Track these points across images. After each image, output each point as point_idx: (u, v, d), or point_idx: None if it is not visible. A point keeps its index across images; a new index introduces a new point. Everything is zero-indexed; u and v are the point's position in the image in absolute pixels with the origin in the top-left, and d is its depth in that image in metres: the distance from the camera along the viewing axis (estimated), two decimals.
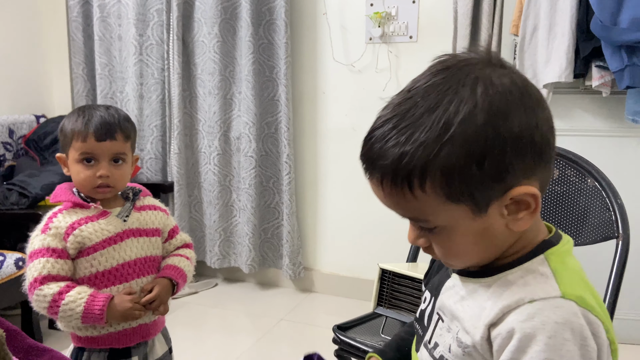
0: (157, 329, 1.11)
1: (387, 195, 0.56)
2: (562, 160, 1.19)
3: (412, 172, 0.53)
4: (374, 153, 0.56)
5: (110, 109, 1.06)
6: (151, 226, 1.10)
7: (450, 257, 0.59)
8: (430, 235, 0.57)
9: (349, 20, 2.34)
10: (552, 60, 1.86)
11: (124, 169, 1.06)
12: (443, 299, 0.63)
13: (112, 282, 1.02)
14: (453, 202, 0.53)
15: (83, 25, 2.71)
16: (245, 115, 2.47)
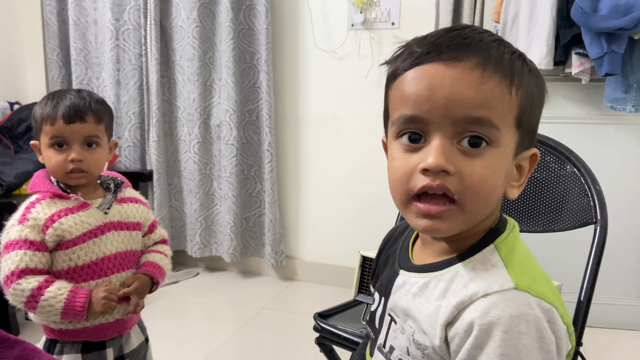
0: (133, 322, 1.09)
1: (479, 79, 0.50)
2: (541, 147, 1.19)
3: (514, 70, 0.53)
4: (471, 37, 0.53)
5: (82, 92, 1.03)
6: (132, 220, 1.07)
7: (472, 195, 0.51)
8: (466, 160, 0.51)
9: (331, 6, 2.31)
10: (532, 47, 1.86)
11: (99, 153, 1.02)
12: (395, 299, 0.59)
13: (90, 277, 1.00)
14: (517, 126, 0.53)
15: (57, 9, 2.63)
16: (226, 103, 2.43)
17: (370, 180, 2.31)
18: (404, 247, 0.64)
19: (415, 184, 0.52)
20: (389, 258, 0.66)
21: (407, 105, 0.53)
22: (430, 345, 0.53)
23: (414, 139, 0.54)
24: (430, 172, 0.51)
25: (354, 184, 2.40)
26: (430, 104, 0.51)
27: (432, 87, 0.51)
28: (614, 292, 2.00)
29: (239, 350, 1.95)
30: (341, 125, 2.39)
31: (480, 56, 0.51)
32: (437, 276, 0.56)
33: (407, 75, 0.53)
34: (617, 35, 1.69)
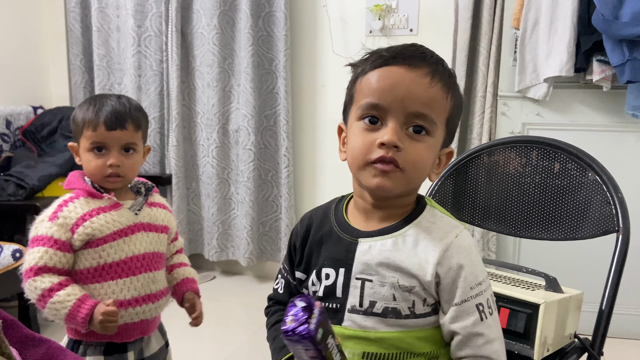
0: (155, 325, 1.11)
1: (429, 85, 0.67)
2: (562, 154, 1.18)
3: (452, 79, 0.71)
4: (425, 52, 0.70)
5: (121, 98, 1.05)
6: (161, 223, 1.09)
7: (411, 166, 0.67)
8: (410, 141, 0.67)
9: (349, 13, 2.33)
10: (553, 54, 1.85)
11: (135, 159, 1.05)
12: (365, 262, 0.70)
13: (118, 275, 1.01)
14: (445, 126, 0.71)
15: (81, 15, 2.69)
16: (244, 108, 2.46)
17: None
18: (342, 223, 0.76)
19: (373, 154, 0.67)
20: (325, 239, 0.76)
21: (373, 95, 0.67)
22: (416, 285, 0.68)
23: (373, 121, 0.68)
24: (385, 146, 0.66)
25: None
26: (391, 97, 0.66)
27: (394, 83, 0.67)
28: (635, 302, 1.97)
29: (254, 354, 1.96)
30: None
31: (432, 67, 0.68)
32: (401, 234, 0.71)
33: (375, 72, 0.68)
34: (639, 42, 1.67)
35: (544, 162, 1.21)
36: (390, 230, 0.72)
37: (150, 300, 1.04)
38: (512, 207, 1.24)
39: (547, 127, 2.01)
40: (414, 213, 0.73)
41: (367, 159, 0.68)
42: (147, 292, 1.04)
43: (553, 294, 0.94)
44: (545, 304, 0.86)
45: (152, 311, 1.06)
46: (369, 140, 0.68)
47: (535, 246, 1.99)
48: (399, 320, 0.68)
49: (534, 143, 1.23)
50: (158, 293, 1.06)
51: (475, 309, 0.67)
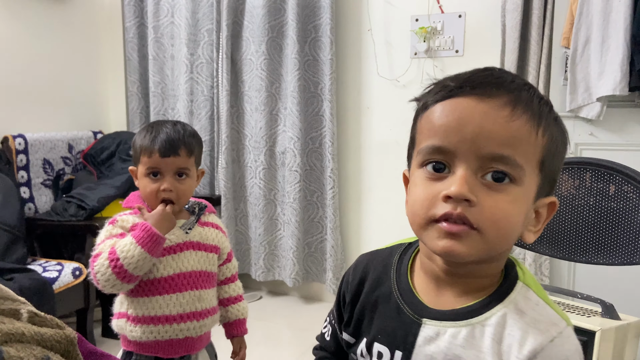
0: (202, 343, 1.13)
1: (509, 117, 0.51)
2: (618, 176, 1.15)
3: (543, 108, 0.54)
4: (504, 77, 0.54)
5: (177, 124, 1.11)
6: (211, 242, 1.12)
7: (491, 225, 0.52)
8: (488, 193, 0.52)
9: (394, 36, 2.35)
10: (605, 72, 1.80)
11: (188, 183, 1.09)
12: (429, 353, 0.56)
13: (166, 290, 1.05)
14: (539, 170, 0.54)
15: (138, 45, 2.85)
16: (290, 131, 2.51)
17: None
18: (405, 290, 0.61)
19: (437, 210, 0.53)
20: (381, 303, 0.62)
21: (436, 136, 0.54)
22: None
23: (438, 168, 0.54)
24: (453, 200, 0.52)
25: None
26: (458, 137, 0.52)
27: (461, 119, 0.52)
28: None
29: None
30: (403, 151, 2.39)
31: (512, 95, 0.52)
32: (480, 322, 0.55)
33: (437, 107, 0.54)
34: None
35: (598, 184, 1.18)
36: (467, 316, 0.55)
37: (195, 318, 1.07)
38: (566, 230, 1.21)
39: (601, 147, 1.94)
40: (502, 290, 0.56)
41: (430, 216, 0.53)
42: (192, 309, 1.07)
43: (610, 321, 0.90)
44: (602, 331, 0.83)
45: (197, 329, 1.08)
46: (432, 192, 0.53)
47: (591, 271, 1.91)
48: None
49: (587, 164, 1.20)
50: (204, 312, 1.09)
51: None
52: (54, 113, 2.66)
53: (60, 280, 1.90)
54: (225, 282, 1.19)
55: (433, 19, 2.25)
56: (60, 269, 1.96)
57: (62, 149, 2.55)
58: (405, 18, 2.31)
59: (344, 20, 2.45)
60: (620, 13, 1.76)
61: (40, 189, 2.41)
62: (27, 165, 2.36)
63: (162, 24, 2.77)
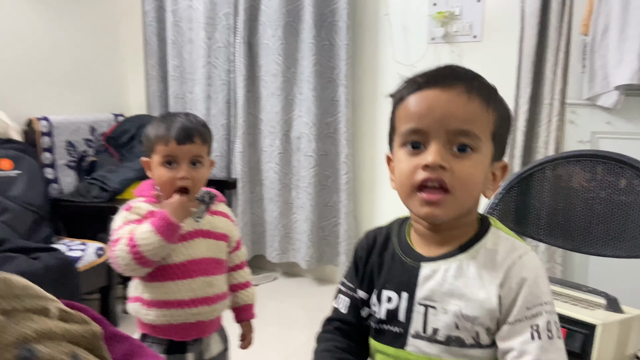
0: (213, 327, 1.16)
1: (467, 101, 0.66)
2: (629, 170, 1.15)
3: (490, 92, 0.69)
4: (459, 71, 0.70)
5: (189, 115, 1.14)
6: (221, 231, 1.15)
7: (461, 186, 0.66)
8: (456, 160, 0.66)
9: (411, 21, 2.34)
10: (624, 61, 1.78)
11: (202, 172, 1.11)
12: (430, 289, 0.69)
13: (177, 276, 1.08)
14: (492, 140, 0.69)
15: (157, 29, 2.88)
16: (306, 116, 2.54)
17: None
18: (405, 246, 0.75)
19: (418, 177, 0.66)
20: (386, 260, 0.75)
21: (412, 120, 0.67)
22: (479, 314, 0.67)
23: (416, 146, 0.68)
24: (430, 168, 0.65)
25: None
26: (430, 119, 0.66)
27: (431, 106, 0.66)
28: None
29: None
30: None
31: (467, 85, 0.67)
32: (464, 258, 0.69)
33: (411, 98, 0.68)
34: None
35: (609, 177, 1.18)
36: (453, 254, 0.70)
37: (206, 303, 1.10)
38: (576, 222, 1.22)
39: (618, 136, 1.93)
40: (477, 235, 0.71)
41: (413, 183, 0.67)
42: (203, 294, 1.10)
43: (612, 314, 0.93)
44: (603, 325, 0.85)
45: (208, 314, 1.12)
46: (413, 164, 0.67)
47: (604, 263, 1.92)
48: (463, 349, 0.67)
49: (599, 157, 1.20)
50: (215, 297, 1.13)
51: (528, 328, 0.64)
52: (77, 96, 2.72)
53: (84, 259, 1.98)
54: (234, 269, 1.22)
55: (451, 3, 2.23)
56: (84, 248, 2.04)
57: (85, 131, 2.62)
58: (423, 2, 2.29)
59: (361, 4, 2.45)
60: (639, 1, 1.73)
61: (65, 170, 2.48)
62: (51, 147, 2.43)
63: (180, 8, 2.79)
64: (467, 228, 0.72)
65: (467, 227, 0.72)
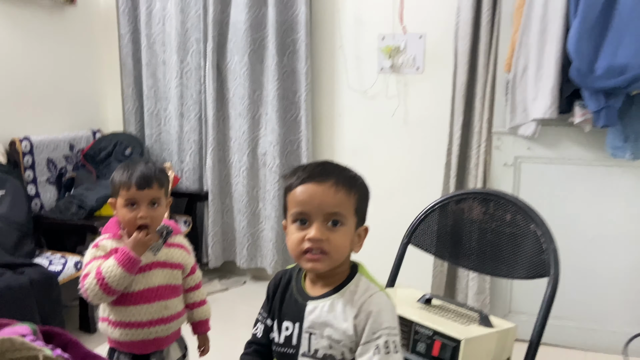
0: (171, 340, 1.37)
1: (335, 192, 0.90)
2: (513, 207, 1.41)
3: (352, 181, 0.94)
4: (328, 168, 0.95)
5: (148, 163, 1.34)
6: (176, 261, 1.35)
7: (334, 250, 0.91)
8: (331, 233, 0.90)
9: (363, 52, 2.58)
10: (539, 97, 2.05)
11: (159, 211, 1.30)
12: (311, 320, 0.94)
13: (138, 302, 1.27)
14: (355, 214, 0.94)
15: (133, 50, 3.07)
16: (271, 135, 2.77)
17: (399, 206, 2.56)
18: (299, 288, 0.99)
19: (305, 246, 0.91)
20: (286, 298, 1.00)
21: (299, 206, 0.91)
22: (343, 338, 0.91)
23: (302, 222, 0.91)
24: (312, 240, 0.90)
25: (383, 210, 2.65)
26: (310, 206, 0.90)
27: (310, 196, 0.91)
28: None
29: None
30: (372, 156, 2.67)
31: (335, 179, 0.92)
32: (335, 297, 0.94)
33: (297, 189, 0.92)
34: (614, 92, 1.85)
35: (499, 212, 1.44)
36: (327, 295, 0.94)
37: (162, 323, 1.30)
38: (474, 247, 1.48)
39: (538, 160, 2.21)
40: (346, 280, 0.95)
41: (301, 249, 0.91)
42: (160, 316, 1.29)
43: (478, 329, 1.19)
44: (465, 340, 1.11)
45: (165, 331, 1.32)
46: (301, 236, 0.90)
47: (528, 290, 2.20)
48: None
49: (492, 195, 1.47)
50: (169, 317, 1.32)
51: (373, 347, 0.88)
52: (56, 115, 2.90)
53: (64, 272, 2.19)
54: (190, 290, 1.42)
55: (397, 38, 2.47)
56: (64, 262, 2.25)
57: (64, 148, 2.81)
58: (373, 36, 2.53)
59: (319, 36, 2.68)
60: (553, 45, 1.99)
61: (45, 186, 2.68)
62: (32, 165, 2.62)
63: (154, 32, 2.99)
64: (340, 275, 0.96)
65: (341, 274, 0.96)
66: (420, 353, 1.17)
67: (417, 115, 2.52)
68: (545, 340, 2.26)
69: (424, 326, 1.18)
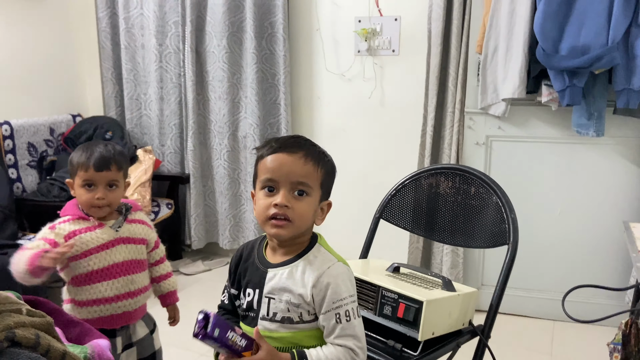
0: (138, 315, 1.40)
1: (304, 163, 0.96)
2: (477, 180, 1.49)
3: (320, 156, 1.00)
4: (300, 141, 1.00)
5: (108, 145, 1.33)
6: (138, 236, 1.37)
7: (298, 218, 0.96)
8: (296, 201, 0.96)
9: (340, 35, 2.63)
10: (508, 78, 2.12)
11: (117, 192, 1.33)
12: (271, 285, 1.00)
13: (103, 278, 1.30)
14: (320, 188, 1.00)
15: (111, 34, 3.07)
16: (251, 117, 2.82)
17: (374, 186, 2.63)
18: (260, 256, 1.05)
19: (271, 212, 0.96)
20: (249, 267, 1.05)
21: (268, 173, 0.97)
22: (300, 302, 0.97)
23: (270, 190, 0.97)
24: (278, 206, 0.95)
25: (360, 190, 2.74)
26: (279, 173, 0.96)
27: (280, 165, 0.97)
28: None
29: None
30: (349, 138, 2.73)
31: (305, 151, 0.98)
32: (294, 265, 1.00)
33: (268, 157, 0.98)
34: (577, 71, 1.93)
35: (464, 185, 1.52)
36: (287, 263, 1.00)
37: (130, 297, 1.33)
38: (442, 221, 1.56)
39: (508, 139, 2.29)
40: (305, 250, 1.01)
41: (267, 215, 0.96)
42: (126, 290, 1.33)
43: (440, 292, 1.27)
44: (427, 301, 1.19)
45: (132, 305, 1.35)
46: (268, 202, 0.96)
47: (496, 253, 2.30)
48: (292, 325, 0.98)
49: (457, 170, 1.54)
50: (136, 291, 1.35)
51: (334, 317, 0.95)
52: (36, 99, 2.91)
53: None
54: (155, 264, 1.46)
55: (373, 21, 2.52)
56: None
57: (44, 132, 2.83)
58: (350, 19, 2.58)
59: (296, 19, 2.72)
60: (521, 27, 2.06)
61: (27, 169, 2.70)
62: (13, 149, 2.64)
63: (132, 15, 2.99)
64: (301, 245, 1.02)
65: (301, 244, 1.02)
66: (386, 315, 1.25)
67: (393, 97, 2.58)
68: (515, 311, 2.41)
69: (389, 290, 1.25)
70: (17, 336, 0.66)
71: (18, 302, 0.69)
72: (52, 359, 0.68)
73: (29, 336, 0.67)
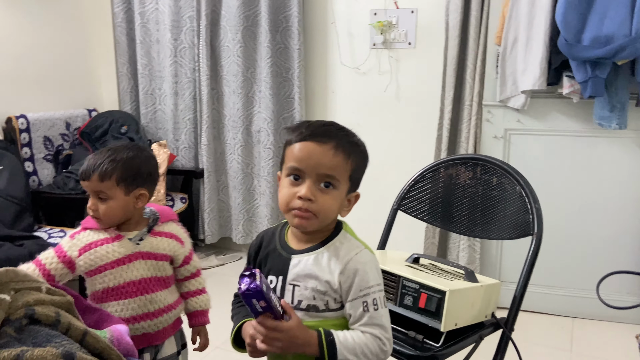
0: (162, 337, 1.26)
1: (333, 155, 0.91)
2: (499, 170, 1.46)
3: (353, 151, 0.94)
4: (332, 130, 0.94)
5: (110, 150, 1.20)
6: (161, 252, 1.23)
7: (322, 212, 0.92)
8: (321, 194, 0.91)
9: (355, 28, 2.60)
10: (528, 69, 2.08)
11: (108, 204, 1.17)
12: (296, 273, 0.96)
13: (119, 297, 1.18)
14: (349, 180, 0.95)
15: (127, 29, 3.08)
16: (264, 112, 2.80)
17: (392, 181, 2.59)
18: (282, 242, 1.01)
19: (294, 204, 0.92)
20: (270, 254, 1.01)
21: (295, 161, 0.92)
22: (327, 289, 0.93)
23: (296, 178, 0.92)
24: (302, 199, 0.91)
25: (375, 185, 2.69)
26: (306, 163, 0.91)
27: (309, 154, 0.91)
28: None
29: None
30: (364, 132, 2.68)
31: (335, 142, 0.92)
32: (320, 252, 0.96)
33: (297, 145, 0.93)
34: (600, 62, 1.88)
35: (485, 176, 1.49)
36: (312, 250, 0.96)
37: (148, 318, 1.20)
38: (462, 212, 1.53)
39: (527, 132, 2.25)
40: (331, 236, 0.97)
41: (290, 206, 0.92)
42: (144, 311, 1.19)
43: (463, 283, 1.24)
44: (450, 291, 1.16)
45: (153, 326, 1.21)
46: (292, 192, 0.91)
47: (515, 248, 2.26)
48: (318, 313, 0.94)
49: (478, 160, 1.51)
50: (157, 311, 1.22)
51: (361, 304, 0.92)
52: (52, 93, 2.92)
53: None
54: (184, 279, 1.31)
55: (389, 13, 2.49)
56: (62, 236, 2.29)
57: (61, 126, 2.84)
58: (365, 12, 2.55)
59: (311, 12, 2.70)
60: (542, 18, 2.02)
61: (42, 163, 2.71)
62: (29, 142, 2.66)
63: (147, 10, 2.99)
64: (325, 232, 0.98)
65: (326, 231, 0.98)
66: (407, 306, 1.22)
67: (409, 91, 2.55)
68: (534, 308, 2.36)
69: (411, 280, 1.22)
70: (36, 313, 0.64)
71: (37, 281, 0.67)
72: (73, 337, 0.66)
73: (49, 314, 0.65)
